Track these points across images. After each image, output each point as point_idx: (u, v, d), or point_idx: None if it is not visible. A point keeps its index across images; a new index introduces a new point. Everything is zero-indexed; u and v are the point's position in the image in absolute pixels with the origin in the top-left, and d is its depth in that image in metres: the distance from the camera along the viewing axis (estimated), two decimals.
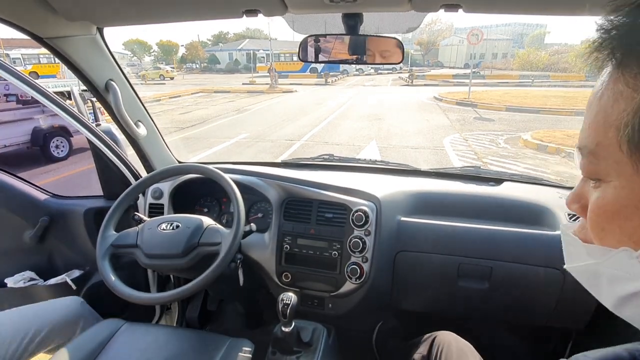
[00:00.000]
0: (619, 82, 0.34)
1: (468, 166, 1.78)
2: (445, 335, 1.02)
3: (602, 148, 0.35)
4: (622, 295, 0.37)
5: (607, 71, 0.36)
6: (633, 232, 0.35)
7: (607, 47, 0.35)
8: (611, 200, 0.36)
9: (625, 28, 0.34)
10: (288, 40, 33.29)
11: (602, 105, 0.36)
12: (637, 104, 0.31)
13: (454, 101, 12.59)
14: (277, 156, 6.27)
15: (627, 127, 0.32)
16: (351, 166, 1.64)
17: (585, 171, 0.40)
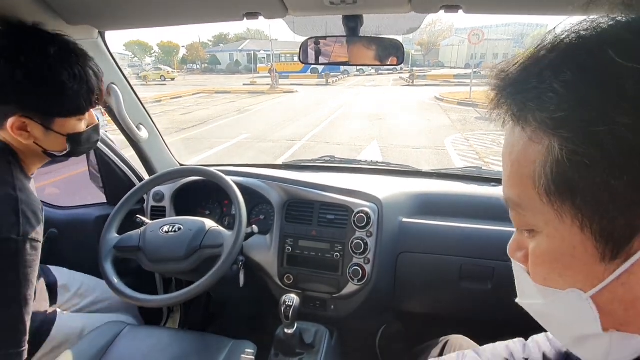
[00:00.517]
0: (523, 137, 0.33)
1: (470, 167, 1.78)
2: (458, 339, 1.01)
3: (525, 200, 0.35)
4: (576, 336, 0.37)
5: (510, 126, 0.36)
6: (574, 280, 0.34)
7: (503, 104, 0.35)
8: (546, 250, 0.36)
9: (518, 85, 0.33)
10: (289, 40, 33.34)
11: (514, 159, 0.36)
12: (543, 155, 0.31)
13: (455, 101, 12.57)
14: (279, 156, 6.28)
15: (541, 178, 0.32)
16: (352, 168, 1.64)
17: (515, 223, 0.41)
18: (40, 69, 0.77)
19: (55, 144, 0.86)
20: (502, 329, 1.28)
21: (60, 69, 0.80)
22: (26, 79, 0.76)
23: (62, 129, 0.85)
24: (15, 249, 0.68)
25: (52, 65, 0.79)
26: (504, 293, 1.30)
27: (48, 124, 0.83)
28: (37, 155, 0.87)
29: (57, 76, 0.80)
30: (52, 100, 0.81)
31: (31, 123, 0.80)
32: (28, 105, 0.79)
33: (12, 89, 0.76)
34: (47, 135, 0.83)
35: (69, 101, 0.83)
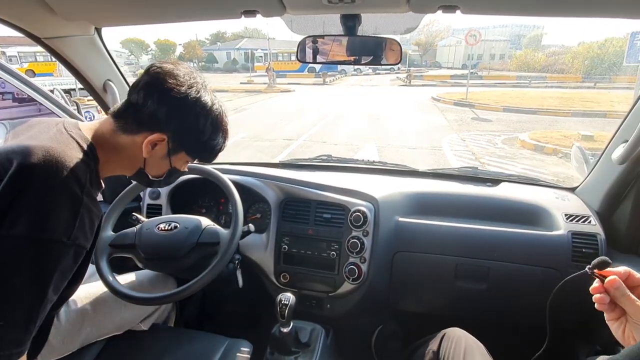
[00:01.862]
0: None
1: (466, 167, 1.79)
2: (455, 332, 1.02)
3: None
4: None
5: None
6: None
7: None
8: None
9: None
10: (286, 39, 33.25)
11: None
12: None
13: (451, 101, 12.60)
14: (275, 155, 6.27)
15: None
16: (349, 167, 1.65)
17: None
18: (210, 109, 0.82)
19: (157, 170, 0.86)
20: (497, 328, 1.29)
21: (225, 120, 0.88)
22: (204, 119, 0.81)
23: (176, 161, 0.86)
24: (60, 253, 0.64)
25: (222, 113, 0.86)
26: (499, 292, 1.32)
27: (173, 152, 0.83)
28: (125, 168, 0.85)
29: (223, 125, 0.87)
30: (201, 145, 0.85)
31: (164, 144, 0.80)
32: (179, 132, 0.80)
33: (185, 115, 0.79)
34: (162, 160, 0.84)
35: (210, 152, 0.88)
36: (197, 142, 0.83)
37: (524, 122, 9.33)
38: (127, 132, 0.78)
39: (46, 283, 0.63)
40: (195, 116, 0.80)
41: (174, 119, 0.78)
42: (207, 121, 0.82)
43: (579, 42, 32.83)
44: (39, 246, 0.61)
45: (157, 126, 0.78)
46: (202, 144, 0.84)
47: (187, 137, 0.82)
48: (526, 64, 28.66)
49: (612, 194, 1.22)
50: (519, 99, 12.99)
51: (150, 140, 0.78)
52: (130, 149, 0.79)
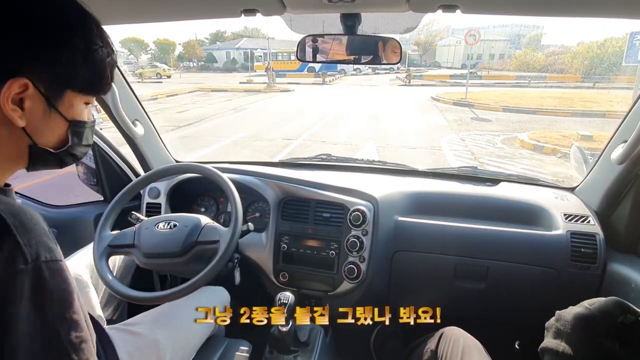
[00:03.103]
0: None
1: (465, 166, 1.79)
2: (452, 330, 1.03)
3: None
4: None
5: None
6: None
7: None
8: None
9: None
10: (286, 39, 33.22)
11: None
12: None
13: (451, 101, 12.60)
14: (275, 155, 6.26)
15: None
16: (349, 166, 1.65)
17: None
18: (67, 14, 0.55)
19: (52, 134, 0.58)
20: (495, 327, 1.29)
21: (90, 24, 0.57)
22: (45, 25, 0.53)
23: (67, 110, 0.57)
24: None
25: (84, 16, 0.57)
26: (498, 292, 1.32)
27: (54, 99, 0.55)
28: (11, 157, 0.56)
29: (87, 31, 0.56)
30: (71, 61, 0.55)
31: (33, 93, 0.52)
32: (38, 62, 0.52)
33: (26, 34, 0.51)
34: (47, 118, 0.55)
35: (93, 67, 0.58)
36: (74, 66, 0.55)
37: (523, 122, 9.34)
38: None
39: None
40: (61, 28, 0.54)
41: (35, 49, 0.52)
42: (79, 28, 0.55)
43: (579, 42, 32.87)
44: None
45: (5, 70, 0.50)
46: (83, 65, 0.56)
47: (61, 66, 0.54)
48: (526, 64, 28.67)
49: (611, 193, 1.22)
50: (519, 99, 12.99)
51: (7, 97, 0.50)
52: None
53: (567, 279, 1.18)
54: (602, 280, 1.17)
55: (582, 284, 1.18)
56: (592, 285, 1.17)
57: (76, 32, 0.55)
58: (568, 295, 1.21)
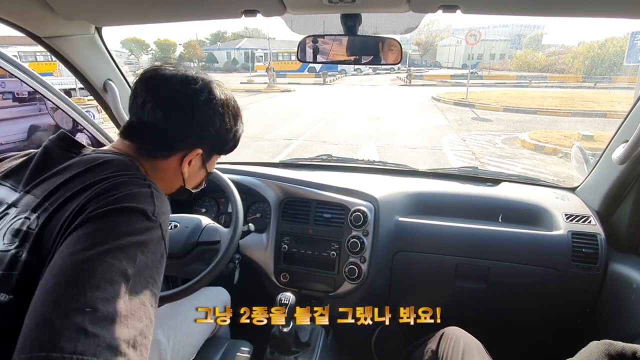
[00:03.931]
0: None
1: (466, 166, 1.79)
2: (453, 330, 1.02)
3: None
4: None
5: None
6: None
7: None
8: None
9: None
10: (286, 39, 33.23)
11: None
12: None
13: (451, 101, 12.60)
14: (275, 155, 6.27)
15: None
16: (349, 166, 1.65)
17: None
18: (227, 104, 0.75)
19: (196, 181, 0.81)
20: (496, 327, 1.29)
21: (237, 104, 0.79)
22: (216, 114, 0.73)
23: (210, 166, 0.81)
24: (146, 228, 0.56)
25: (233, 100, 0.78)
26: (499, 292, 1.31)
27: (207, 160, 0.78)
28: (162, 188, 0.71)
29: (239, 111, 0.79)
30: (227, 139, 0.77)
31: (199, 157, 0.74)
32: (211, 139, 0.74)
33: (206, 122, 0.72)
34: (198, 171, 0.78)
35: (236, 142, 0.81)
36: (226, 140, 0.78)
37: (524, 122, 9.33)
38: (157, 158, 0.71)
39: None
40: (220, 116, 0.74)
41: (205, 129, 0.72)
42: (229, 115, 0.76)
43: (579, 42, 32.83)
44: None
45: (190, 143, 0.72)
46: (230, 140, 0.78)
47: (218, 140, 0.76)
48: (526, 64, 28.65)
49: (612, 194, 1.22)
50: (519, 99, 12.98)
51: (187, 160, 0.73)
52: (164, 172, 0.73)
53: (568, 279, 1.18)
54: (603, 281, 1.16)
55: (583, 284, 1.18)
56: (593, 286, 1.17)
57: (235, 120, 0.77)
58: (569, 296, 1.21)
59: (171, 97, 0.69)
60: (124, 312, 0.45)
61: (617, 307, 1.12)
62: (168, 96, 0.69)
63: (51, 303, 0.44)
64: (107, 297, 0.45)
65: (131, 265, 0.49)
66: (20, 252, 0.52)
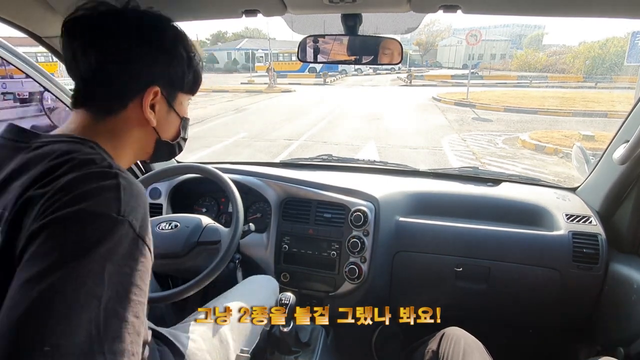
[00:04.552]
0: None
1: (466, 167, 1.79)
2: (454, 331, 1.02)
3: None
4: None
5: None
6: None
7: None
8: None
9: None
10: (287, 40, 33.26)
11: None
12: None
13: (452, 101, 12.59)
14: (276, 155, 6.27)
15: None
16: (350, 166, 1.65)
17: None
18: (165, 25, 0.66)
19: (170, 129, 0.71)
20: (497, 327, 1.29)
21: (184, 35, 0.68)
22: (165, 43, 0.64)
23: (179, 109, 0.70)
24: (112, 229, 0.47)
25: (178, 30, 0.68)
26: (499, 292, 1.31)
27: (172, 101, 0.68)
28: (139, 151, 0.68)
29: (185, 42, 0.68)
30: (181, 68, 0.67)
31: (160, 98, 0.64)
32: (160, 73, 0.64)
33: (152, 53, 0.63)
34: (168, 116, 0.68)
35: (195, 72, 0.70)
36: (182, 71, 0.67)
37: (524, 122, 9.33)
38: (113, 113, 0.62)
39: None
40: (172, 43, 0.65)
41: (157, 62, 0.63)
42: (181, 41, 0.67)
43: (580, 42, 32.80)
44: None
45: (144, 82, 0.62)
46: (186, 70, 0.68)
47: (175, 72, 0.66)
48: (527, 64, 28.63)
49: (613, 194, 1.22)
50: (520, 99, 12.97)
51: (147, 103, 0.63)
52: (129, 132, 0.64)
53: (569, 279, 1.18)
54: (604, 281, 1.16)
55: (584, 285, 1.18)
56: (594, 286, 1.17)
57: (179, 44, 0.67)
58: (569, 296, 1.21)
59: (97, 35, 0.60)
60: (96, 339, 0.39)
61: (618, 307, 1.12)
62: (93, 36, 0.60)
63: (5, 348, 0.37)
64: (71, 328, 0.39)
65: (99, 282, 0.42)
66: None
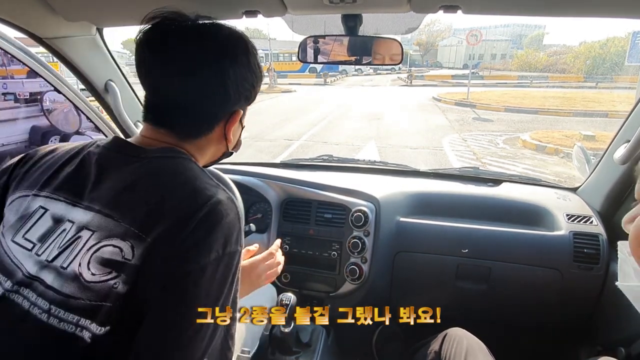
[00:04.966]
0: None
1: (467, 167, 1.79)
2: (456, 331, 1.02)
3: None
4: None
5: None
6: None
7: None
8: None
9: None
10: (287, 40, 33.28)
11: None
12: None
13: (452, 101, 12.58)
14: (276, 155, 6.27)
15: None
16: (350, 167, 1.65)
17: (637, 193, 0.43)
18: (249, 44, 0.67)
19: (235, 140, 0.72)
20: (498, 328, 1.29)
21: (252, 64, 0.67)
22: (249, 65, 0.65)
23: (244, 119, 0.71)
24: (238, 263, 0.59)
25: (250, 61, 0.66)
26: (500, 293, 1.31)
27: (244, 114, 0.70)
28: (207, 161, 0.70)
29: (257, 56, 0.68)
30: (259, 85, 0.69)
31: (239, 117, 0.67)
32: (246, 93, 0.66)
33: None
34: (238, 129, 0.70)
35: (259, 87, 0.69)
36: (258, 89, 0.69)
37: (525, 122, 9.32)
38: (200, 136, 0.63)
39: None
40: (254, 59, 0.65)
41: (246, 82, 0.64)
42: (255, 58, 0.66)
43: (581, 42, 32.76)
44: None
45: (231, 106, 0.64)
46: (257, 85, 0.69)
47: (253, 92, 0.67)
48: (527, 64, 28.62)
49: (613, 194, 1.22)
50: (521, 99, 12.96)
51: (232, 127, 0.65)
52: (207, 147, 0.66)
53: (570, 279, 1.18)
54: (605, 281, 1.16)
55: (585, 285, 1.18)
56: (595, 286, 1.17)
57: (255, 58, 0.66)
58: (570, 296, 1.20)
59: (193, 57, 0.59)
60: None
61: (618, 307, 1.12)
62: (190, 57, 0.59)
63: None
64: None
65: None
66: (116, 284, 0.50)
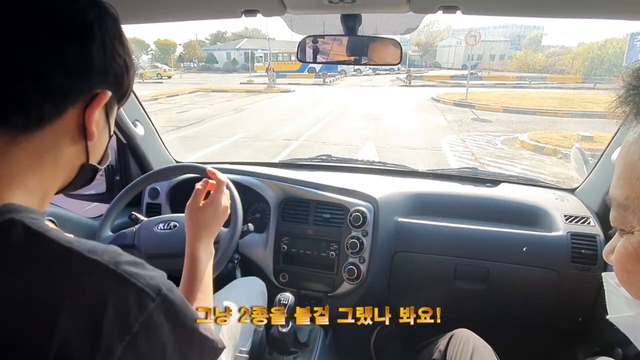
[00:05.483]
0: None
1: (465, 167, 1.79)
2: (463, 332, 1.02)
3: (630, 201, 0.36)
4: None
5: (629, 125, 0.37)
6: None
7: (630, 102, 0.36)
8: (635, 246, 0.36)
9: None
10: (286, 40, 33.25)
11: (629, 159, 0.37)
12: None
13: (451, 102, 12.60)
14: (275, 155, 6.26)
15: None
16: (349, 167, 1.65)
17: (614, 222, 0.40)
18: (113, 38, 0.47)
19: (100, 150, 0.51)
20: (495, 328, 1.29)
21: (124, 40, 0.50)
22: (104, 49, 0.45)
23: (112, 121, 0.52)
24: None
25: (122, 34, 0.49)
26: (498, 293, 1.31)
27: (111, 110, 0.50)
28: (60, 181, 0.48)
29: (121, 37, 0.49)
30: (121, 70, 0.48)
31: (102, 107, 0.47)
32: (112, 77, 0.47)
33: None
34: (104, 132, 0.50)
35: (129, 81, 0.51)
36: (123, 79, 0.49)
37: (523, 122, 9.33)
38: (41, 124, 0.42)
39: None
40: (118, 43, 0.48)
41: (103, 60, 0.45)
42: (123, 43, 0.49)
43: (579, 43, 32.86)
44: None
45: (92, 83, 0.45)
46: (126, 78, 0.50)
47: (118, 78, 0.48)
48: (526, 65, 28.71)
49: None
50: (519, 100, 12.98)
51: (94, 111, 0.45)
52: (55, 152, 0.45)
53: (568, 280, 1.18)
54: (602, 282, 1.16)
55: (583, 286, 1.18)
56: (593, 287, 1.17)
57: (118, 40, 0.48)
58: (568, 297, 1.21)
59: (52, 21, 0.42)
60: None
61: None
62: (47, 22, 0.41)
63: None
64: None
65: None
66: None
